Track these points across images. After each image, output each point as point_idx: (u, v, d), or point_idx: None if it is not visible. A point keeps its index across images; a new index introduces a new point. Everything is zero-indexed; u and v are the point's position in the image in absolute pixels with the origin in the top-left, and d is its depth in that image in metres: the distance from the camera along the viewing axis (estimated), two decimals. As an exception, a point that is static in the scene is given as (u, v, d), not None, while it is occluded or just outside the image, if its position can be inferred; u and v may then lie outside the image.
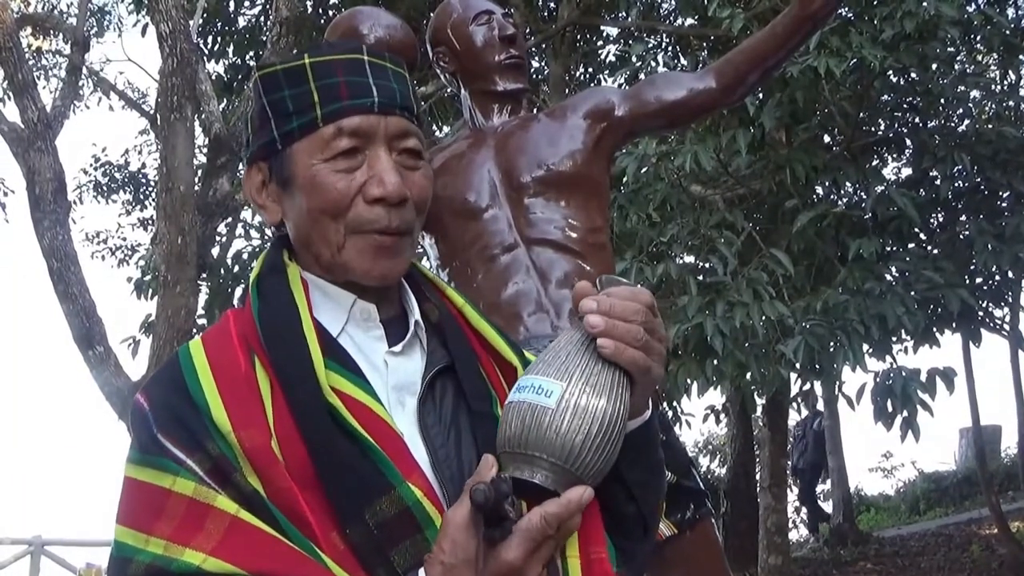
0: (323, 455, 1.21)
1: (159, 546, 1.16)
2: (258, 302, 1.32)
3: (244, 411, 1.23)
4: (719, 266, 6.85)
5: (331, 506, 1.21)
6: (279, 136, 1.34)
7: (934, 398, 6.58)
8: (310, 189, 1.31)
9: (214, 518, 1.16)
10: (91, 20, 12.57)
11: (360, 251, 1.32)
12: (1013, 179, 8.17)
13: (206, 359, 1.28)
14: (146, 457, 1.22)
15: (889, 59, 6.98)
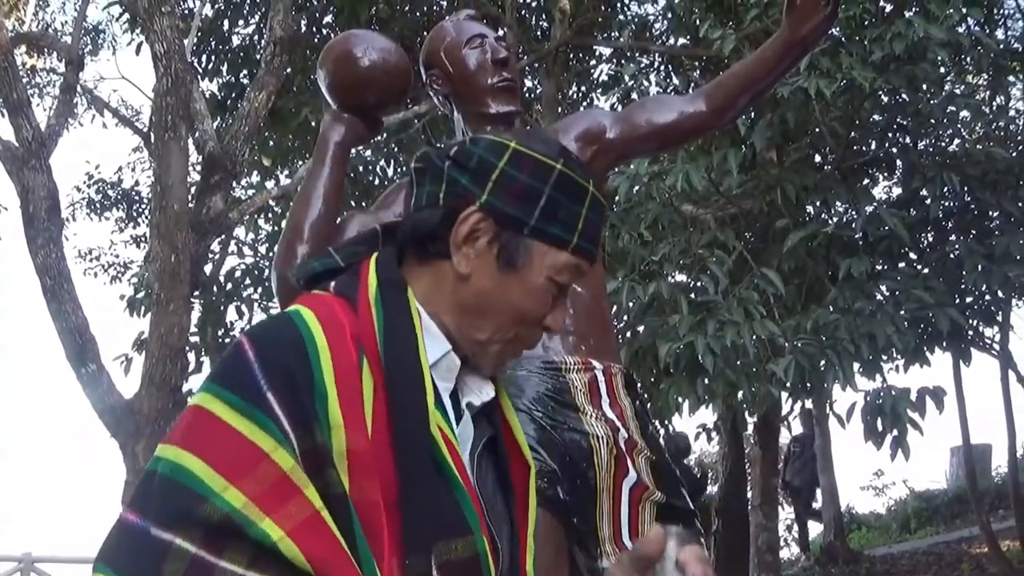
0: (413, 480, 1.21)
1: (238, 500, 1.13)
2: (382, 311, 1.29)
3: (353, 410, 1.21)
4: (710, 285, 6.87)
5: (401, 531, 1.20)
6: (534, 225, 1.33)
7: (924, 417, 6.61)
8: (526, 292, 1.35)
9: (299, 503, 1.14)
10: (86, 39, 12.57)
11: (499, 355, 1.39)
12: (1002, 199, 8.21)
13: (326, 340, 1.24)
14: (248, 407, 1.18)
15: (879, 80, 7.02)
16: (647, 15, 10.89)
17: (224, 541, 1.11)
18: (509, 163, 1.33)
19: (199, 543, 1.11)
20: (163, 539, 1.11)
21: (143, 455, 7.43)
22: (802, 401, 8.02)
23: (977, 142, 9.20)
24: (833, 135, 7.84)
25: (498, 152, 1.34)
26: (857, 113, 7.71)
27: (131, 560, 1.13)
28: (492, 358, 1.38)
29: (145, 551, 1.12)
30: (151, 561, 1.11)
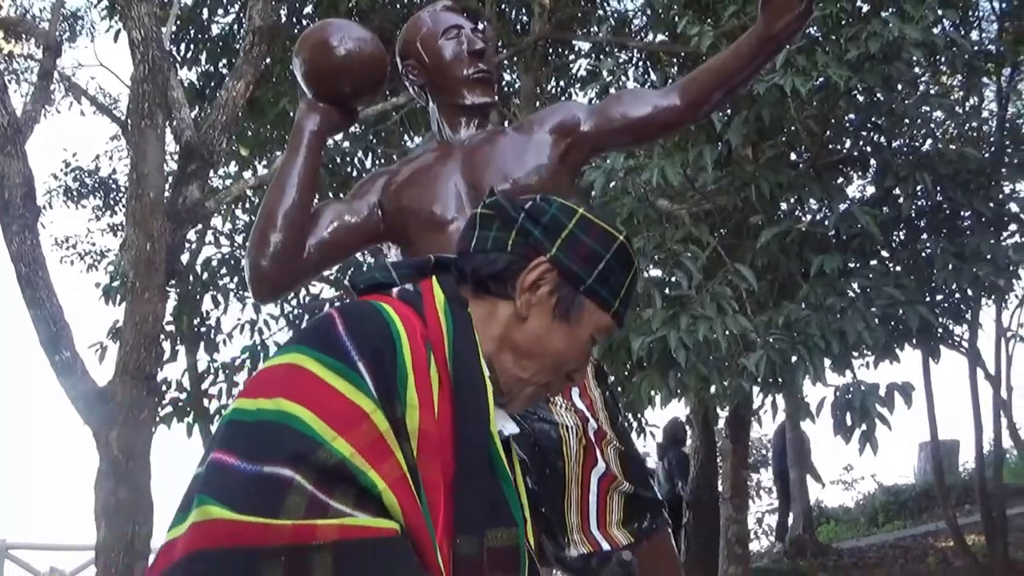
0: (470, 470, 1.35)
1: (347, 450, 1.24)
2: (451, 322, 1.43)
3: (426, 396, 1.34)
4: (684, 280, 6.89)
5: (450, 514, 1.32)
6: (590, 284, 1.49)
7: (892, 412, 6.65)
8: (572, 344, 1.51)
9: (391, 463, 1.27)
10: (63, 25, 12.47)
11: (530, 397, 1.56)
12: (974, 199, 8.27)
13: (405, 333, 1.37)
14: (346, 369, 1.30)
15: (854, 79, 7.05)
16: (626, 11, 10.91)
17: (334, 484, 1.22)
18: (577, 225, 1.51)
19: (313, 482, 1.22)
20: (282, 476, 1.22)
21: (117, 443, 7.39)
22: (773, 396, 8.04)
23: (950, 142, 9.27)
24: (808, 133, 7.89)
25: (569, 214, 1.52)
26: (832, 111, 7.76)
27: (247, 496, 1.22)
28: (524, 398, 1.54)
29: (260, 487, 1.22)
30: (270, 496, 1.21)
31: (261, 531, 1.18)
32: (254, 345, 10.27)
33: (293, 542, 1.18)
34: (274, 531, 1.18)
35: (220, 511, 1.20)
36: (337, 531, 1.19)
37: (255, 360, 10.12)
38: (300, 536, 1.19)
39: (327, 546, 1.18)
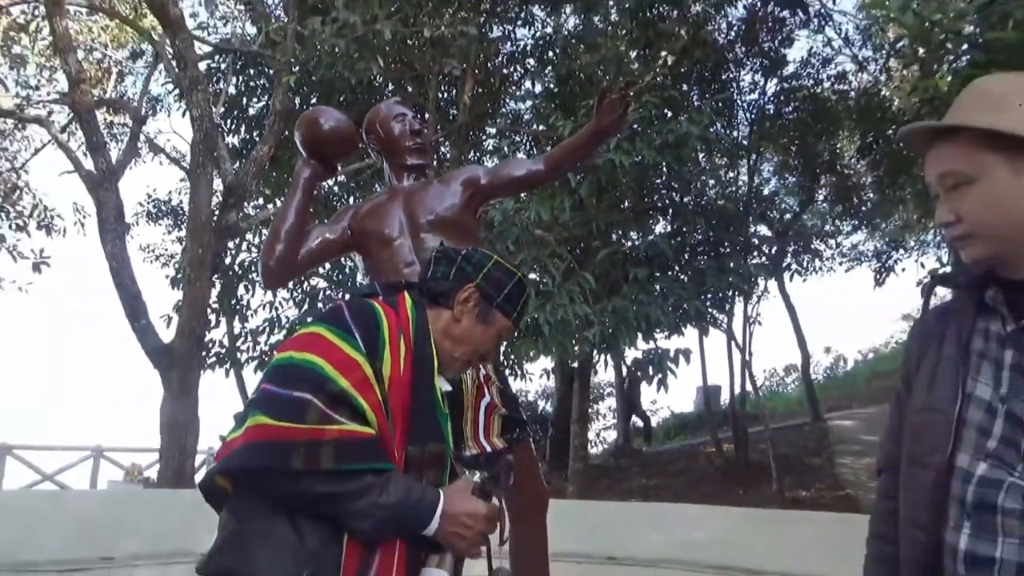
0: (422, 407, 1.44)
1: (346, 384, 1.34)
2: (415, 317, 1.52)
3: (395, 357, 1.42)
4: (549, 281, 6.95)
5: (409, 433, 1.42)
6: (500, 301, 1.60)
7: (678, 366, 6.80)
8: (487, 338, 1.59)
9: (373, 395, 1.36)
10: (148, 104, 12.07)
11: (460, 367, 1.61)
12: (730, 236, 8.50)
13: (385, 318, 1.46)
14: (344, 335, 1.39)
15: (659, 158, 7.18)
16: (520, 110, 10.91)
17: (338, 404, 1.33)
18: (494, 265, 1.62)
19: (324, 403, 1.32)
20: (304, 398, 1.32)
21: (176, 381, 7.19)
22: (605, 355, 8.14)
23: (718, 199, 9.49)
24: (630, 190, 7.99)
25: (489, 259, 1.63)
26: (645, 178, 7.86)
27: (282, 409, 1.31)
28: (455, 368, 1.59)
29: (291, 404, 1.31)
30: (296, 410, 1.31)
31: (291, 431, 1.29)
32: (272, 318, 10.12)
33: (310, 438, 1.29)
34: (299, 431, 1.29)
35: (265, 419, 1.31)
36: (337, 432, 1.30)
37: (272, 327, 9.94)
38: (314, 435, 1.29)
39: (331, 441, 1.29)
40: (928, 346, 1.35)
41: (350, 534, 1.32)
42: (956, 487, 1.22)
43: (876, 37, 10.26)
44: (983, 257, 1.26)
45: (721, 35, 10.17)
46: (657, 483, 10.98)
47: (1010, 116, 1.19)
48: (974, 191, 1.23)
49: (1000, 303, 1.27)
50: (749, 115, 10.63)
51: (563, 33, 9.32)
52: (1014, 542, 1.15)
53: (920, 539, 1.26)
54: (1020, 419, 1.19)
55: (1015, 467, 1.18)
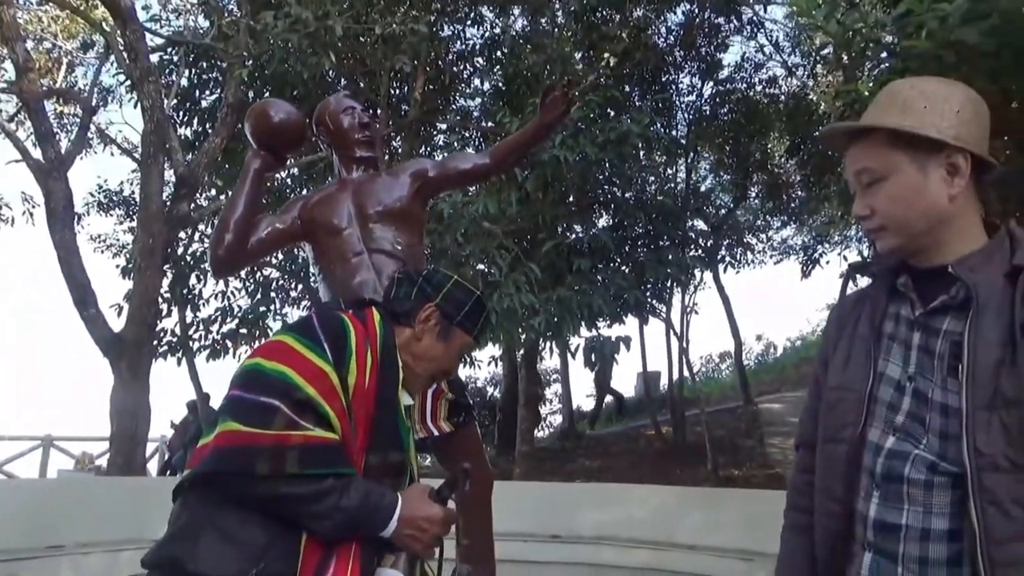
0: (384, 418, 1.44)
1: (313, 392, 1.34)
2: (383, 330, 1.52)
3: (361, 368, 1.42)
4: (497, 271, 6.94)
5: (370, 441, 1.41)
6: (460, 320, 1.59)
7: (619, 353, 6.88)
8: (448, 355, 1.59)
9: (338, 403, 1.36)
10: (99, 94, 11.64)
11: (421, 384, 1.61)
12: (668, 229, 8.61)
13: (353, 330, 1.45)
14: (312, 345, 1.39)
15: (602, 154, 7.23)
16: (469, 107, 10.85)
17: (304, 411, 1.32)
18: (454, 285, 1.62)
19: (291, 409, 1.31)
20: (272, 404, 1.31)
21: (126, 369, 6.97)
22: (549, 342, 8.18)
23: (657, 195, 9.60)
24: (574, 185, 8.03)
25: (449, 279, 1.64)
26: (588, 173, 7.90)
27: (251, 415, 1.31)
28: (419, 385, 1.60)
29: (259, 410, 1.31)
30: (264, 416, 1.30)
31: (258, 437, 1.29)
32: (224, 307, 9.88)
33: (276, 443, 1.29)
34: (265, 437, 1.29)
35: (235, 425, 1.31)
36: (303, 438, 1.30)
37: (224, 317, 9.70)
38: (280, 440, 1.29)
39: (296, 447, 1.30)
40: (844, 329, 1.40)
41: (309, 534, 1.32)
42: (867, 459, 1.27)
43: (804, 44, 10.52)
44: (894, 247, 1.32)
45: (661, 39, 10.28)
46: (600, 465, 11.08)
47: (915, 118, 1.25)
48: (885, 187, 1.28)
49: (910, 289, 1.32)
50: (687, 115, 10.78)
51: (511, 33, 9.29)
52: (918, 510, 1.20)
53: (834, 509, 1.30)
54: (926, 396, 1.24)
55: (920, 440, 1.23)
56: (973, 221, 1.30)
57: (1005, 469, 1.12)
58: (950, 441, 1.18)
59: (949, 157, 1.25)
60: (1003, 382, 1.14)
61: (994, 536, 1.11)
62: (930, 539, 1.18)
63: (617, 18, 9.33)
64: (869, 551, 1.25)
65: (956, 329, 1.22)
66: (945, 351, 1.22)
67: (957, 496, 1.16)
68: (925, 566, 1.18)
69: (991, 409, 1.14)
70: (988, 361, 1.16)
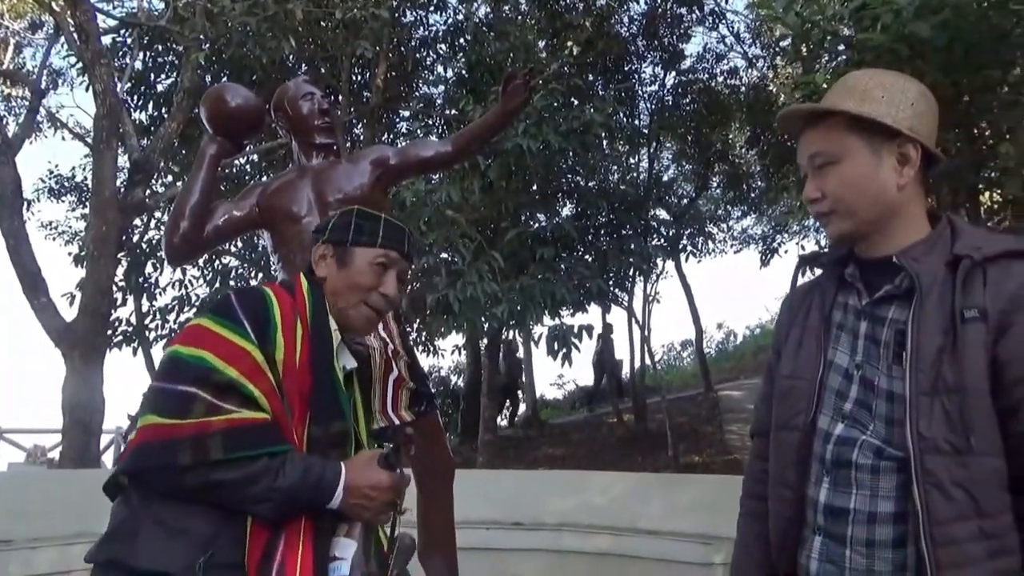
0: (321, 388, 1.39)
1: (234, 373, 1.30)
2: (311, 298, 1.47)
3: (289, 341, 1.38)
4: (460, 260, 6.92)
5: (310, 413, 1.38)
6: (351, 239, 1.54)
7: (581, 342, 6.91)
8: (357, 274, 1.52)
9: (265, 380, 1.33)
10: (50, 77, 11.26)
11: (360, 315, 1.53)
12: (631, 219, 8.66)
13: (277, 302, 1.42)
14: (231, 325, 1.35)
15: (565, 143, 7.23)
16: (432, 94, 10.75)
17: (226, 394, 1.29)
18: (337, 216, 1.60)
19: (211, 394, 1.28)
20: (189, 391, 1.28)
21: (78, 359, 6.80)
22: (513, 331, 8.19)
23: (619, 184, 9.65)
24: (537, 174, 8.02)
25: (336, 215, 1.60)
26: (551, 161, 7.91)
27: (168, 406, 1.28)
28: (356, 319, 1.52)
29: (176, 399, 1.28)
30: (182, 405, 1.27)
31: (177, 428, 1.26)
32: (181, 296, 9.69)
33: (196, 432, 1.25)
34: (184, 427, 1.26)
35: (154, 418, 1.28)
36: (226, 422, 1.27)
37: (182, 306, 9.52)
38: (199, 429, 1.26)
39: (218, 432, 1.26)
40: (795, 319, 1.44)
41: (254, 517, 1.29)
42: (817, 446, 1.31)
43: (764, 36, 10.63)
44: (842, 233, 1.35)
45: (624, 28, 10.30)
46: (563, 452, 11.15)
47: (872, 106, 1.29)
48: (838, 170, 1.31)
49: (857, 279, 1.36)
50: (649, 105, 10.84)
51: (474, 20, 9.22)
52: (865, 494, 1.24)
53: (786, 495, 1.34)
54: (873, 383, 1.27)
55: (867, 426, 1.27)
56: (918, 212, 1.34)
57: (946, 452, 1.16)
58: (895, 426, 1.22)
59: (901, 147, 1.30)
60: (944, 369, 1.18)
61: (936, 517, 1.15)
62: (876, 522, 1.22)
63: (580, 6, 9.32)
64: (819, 535, 1.28)
65: (901, 317, 1.26)
66: (890, 339, 1.26)
67: (902, 480, 1.20)
68: (872, 548, 1.21)
69: (933, 395, 1.18)
70: (930, 348, 1.20)
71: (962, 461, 1.15)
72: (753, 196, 12.65)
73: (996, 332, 1.18)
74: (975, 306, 1.19)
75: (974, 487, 1.15)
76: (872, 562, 1.21)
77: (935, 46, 3.38)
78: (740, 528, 1.50)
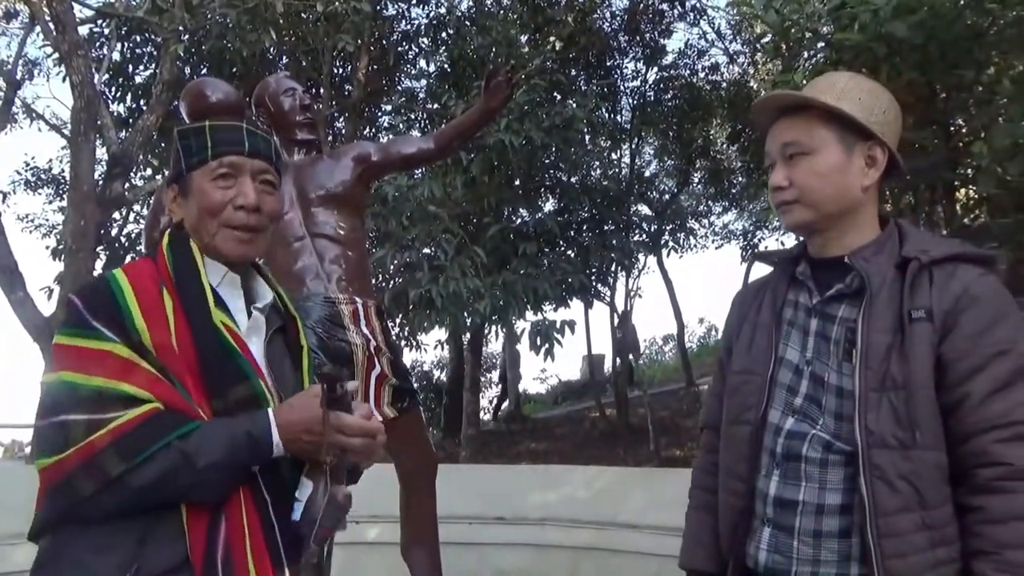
0: (207, 354, 1.24)
1: (100, 381, 1.17)
2: (172, 257, 1.31)
3: (154, 320, 1.23)
4: (442, 255, 6.91)
5: (206, 387, 1.23)
6: (181, 169, 1.35)
7: (564, 336, 6.94)
8: (200, 196, 1.32)
9: (142, 372, 1.19)
10: (25, 68, 11.08)
11: (226, 239, 1.33)
12: (613, 214, 8.70)
13: (129, 283, 1.26)
14: (82, 331, 1.21)
15: (547, 138, 7.25)
16: (414, 88, 10.72)
17: (99, 406, 1.16)
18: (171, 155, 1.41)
19: (84, 412, 1.16)
20: (58, 421, 1.17)
21: (58, 355, 6.71)
22: (496, 326, 8.20)
23: (602, 179, 9.67)
24: (519, 169, 8.03)
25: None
26: (534, 157, 7.91)
27: (47, 443, 1.17)
28: (227, 248, 1.33)
29: (51, 434, 1.17)
30: (59, 436, 1.16)
31: (63, 462, 1.15)
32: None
33: (83, 460, 1.14)
34: (69, 459, 1.15)
35: (43, 460, 1.18)
36: (111, 433, 1.14)
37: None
38: (86, 453, 1.14)
39: (108, 446, 1.14)
40: (747, 315, 1.48)
41: (188, 504, 1.18)
42: (768, 440, 1.35)
43: (745, 32, 10.69)
44: (802, 222, 1.39)
45: (606, 24, 10.31)
46: (545, 447, 11.18)
47: (851, 105, 1.34)
48: (810, 161, 1.35)
49: (808, 278, 1.41)
50: (631, 101, 10.86)
51: (456, 15, 9.19)
52: (814, 486, 1.28)
53: (737, 488, 1.38)
54: (822, 379, 1.32)
55: (817, 421, 1.31)
56: (872, 215, 1.39)
57: (892, 447, 1.21)
58: (844, 421, 1.27)
59: (871, 149, 1.35)
60: (892, 366, 1.23)
61: (882, 509, 1.20)
62: (824, 513, 1.26)
63: (563, 2, 9.32)
64: (768, 526, 1.33)
65: (851, 316, 1.31)
66: (841, 337, 1.31)
67: (849, 473, 1.24)
68: (819, 538, 1.26)
69: (881, 391, 1.23)
70: (879, 346, 1.24)
71: (907, 455, 1.20)
72: (734, 192, 12.72)
73: (941, 332, 1.23)
74: (922, 307, 1.25)
75: (918, 480, 1.20)
76: (819, 552, 1.26)
77: (912, 45, 3.42)
78: (690, 520, 1.54)
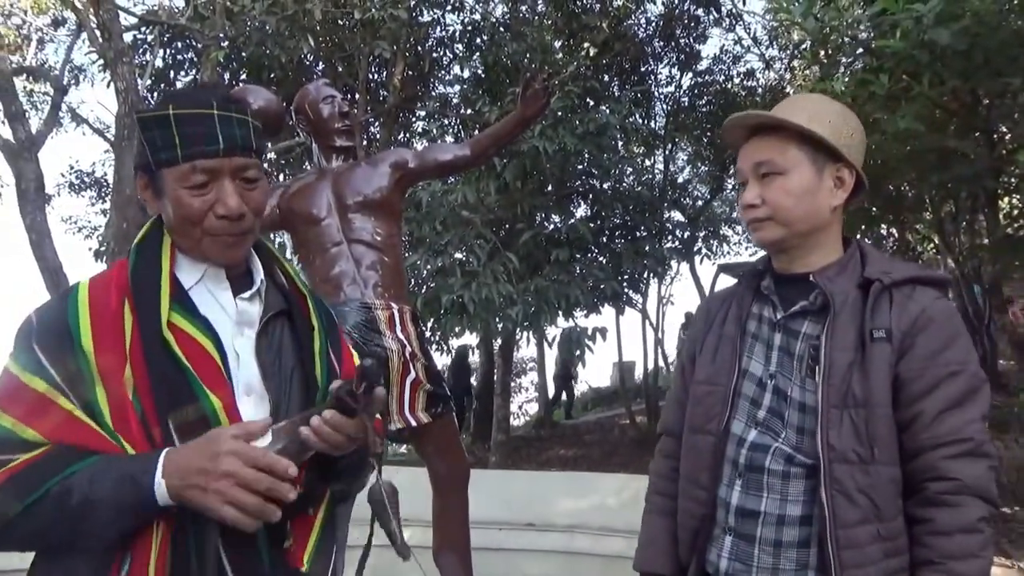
0: (155, 373, 1.10)
1: (9, 422, 1.07)
2: (134, 260, 1.18)
3: (106, 340, 1.10)
4: (475, 261, 6.94)
5: (155, 406, 1.09)
6: (150, 164, 1.18)
7: (595, 343, 6.94)
8: (176, 204, 1.17)
9: (55, 413, 1.08)
10: (71, 74, 11.41)
11: (212, 245, 1.20)
12: (646, 220, 8.65)
13: (87, 297, 1.14)
14: (20, 354, 1.11)
15: (580, 145, 7.24)
16: (448, 94, 10.79)
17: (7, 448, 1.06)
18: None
19: None
20: None
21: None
22: (527, 332, 8.21)
23: (635, 186, 9.62)
24: (552, 175, 8.04)
25: None
26: (567, 163, 7.92)
27: None
28: (214, 254, 1.20)
29: None
30: None
31: None
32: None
33: None
34: None
35: None
36: (6, 474, 1.04)
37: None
38: None
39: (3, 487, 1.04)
40: (711, 326, 1.50)
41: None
42: (730, 450, 1.38)
43: (782, 38, 10.59)
44: (772, 239, 1.41)
45: (640, 30, 10.28)
46: (575, 453, 11.13)
47: (822, 127, 1.37)
48: (783, 181, 1.38)
49: (772, 292, 1.43)
50: (665, 107, 10.80)
51: (491, 21, 9.25)
52: (776, 497, 1.31)
53: (699, 496, 1.41)
54: (786, 393, 1.34)
55: (779, 434, 1.34)
56: (836, 236, 1.42)
57: (852, 461, 1.24)
58: (806, 436, 1.30)
59: (839, 170, 1.39)
60: (854, 384, 1.26)
61: (842, 521, 1.23)
62: (785, 524, 1.29)
63: (597, 7, 9.32)
64: (730, 535, 1.35)
65: (814, 333, 1.34)
66: (804, 353, 1.33)
67: (810, 485, 1.28)
68: (779, 548, 1.30)
69: (843, 408, 1.26)
70: (842, 364, 1.28)
71: (866, 470, 1.24)
72: (768, 199, 12.56)
73: (899, 352, 1.27)
74: (882, 327, 1.28)
75: (876, 494, 1.24)
76: (778, 561, 1.29)
77: (955, 52, 3.36)
78: (647, 524, 1.56)
